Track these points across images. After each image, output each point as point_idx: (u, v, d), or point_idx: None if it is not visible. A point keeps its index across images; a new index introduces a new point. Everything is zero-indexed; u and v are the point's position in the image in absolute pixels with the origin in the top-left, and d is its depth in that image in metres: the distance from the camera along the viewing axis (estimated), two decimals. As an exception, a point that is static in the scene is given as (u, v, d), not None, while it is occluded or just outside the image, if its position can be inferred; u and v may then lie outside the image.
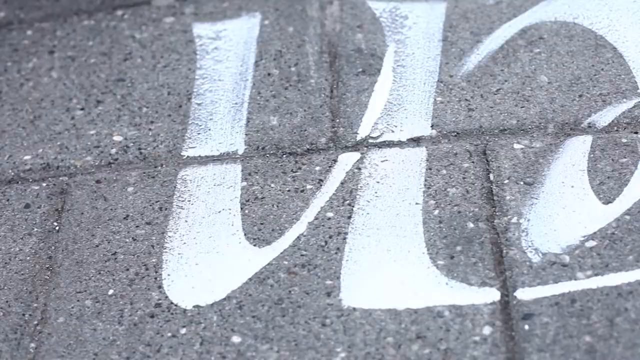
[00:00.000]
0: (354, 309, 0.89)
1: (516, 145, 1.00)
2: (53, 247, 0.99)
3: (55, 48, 1.19)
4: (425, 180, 0.98)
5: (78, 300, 0.94)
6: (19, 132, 1.11)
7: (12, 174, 1.07)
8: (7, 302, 0.95)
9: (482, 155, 1.00)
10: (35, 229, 1.00)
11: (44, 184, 1.04)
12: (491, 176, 0.98)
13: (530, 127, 1.02)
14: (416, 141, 1.02)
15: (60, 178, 1.05)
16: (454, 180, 0.98)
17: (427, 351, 0.86)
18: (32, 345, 0.92)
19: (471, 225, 0.95)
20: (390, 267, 0.92)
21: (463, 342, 0.86)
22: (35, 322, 0.93)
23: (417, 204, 0.96)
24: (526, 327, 0.87)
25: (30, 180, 1.05)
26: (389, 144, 1.02)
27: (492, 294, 0.89)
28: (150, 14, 1.21)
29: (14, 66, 1.18)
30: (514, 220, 0.94)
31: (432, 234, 0.94)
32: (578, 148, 1.00)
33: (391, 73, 1.08)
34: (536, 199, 0.96)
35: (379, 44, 1.12)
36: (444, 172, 0.99)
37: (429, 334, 0.87)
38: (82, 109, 1.12)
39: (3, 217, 1.02)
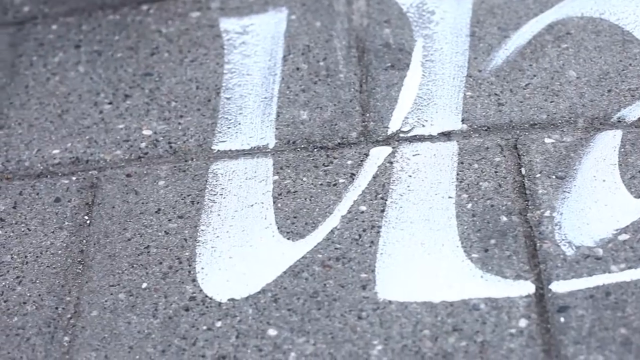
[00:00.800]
0: (390, 301, 0.89)
1: (547, 140, 1.01)
2: (84, 241, 0.99)
3: (81, 42, 1.19)
4: (458, 174, 0.98)
5: (111, 294, 0.94)
6: (47, 126, 1.11)
7: (41, 168, 1.07)
8: (39, 295, 0.95)
9: (513, 149, 1.00)
10: (66, 223, 1.00)
11: (74, 178, 1.04)
12: (523, 170, 0.98)
13: (560, 121, 1.02)
14: (447, 135, 1.02)
15: (90, 172, 1.05)
16: (486, 174, 0.98)
17: (463, 344, 0.87)
18: (66, 338, 0.92)
19: (504, 218, 0.95)
20: (425, 260, 0.92)
21: (499, 334, 0.87)
22: (69, 316, 0.93)
23: (449, 197, 0.97)
24: (562, 319, 0.87)
25: (60, 174, 1.05)
26: (420, 138, 1.02)
27: (527, 287, 0.89)
28: (176, 9, 1.21)
29: (39, 60, 1.18)
30: (547, 213, 0.94)
31: (465, 227, 0.94)
32: (608, 142, 1.00)
33: (420, 68, 1.09)
34: (568, 192, 0.96)
35: (406, 39, 1.12)
36: (476, 166, 0.99)
37: (465, 326, 0.87)
38: (110, 103, 1.12)
39: (33, 210, 1.02)
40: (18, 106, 1.13)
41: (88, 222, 1.00)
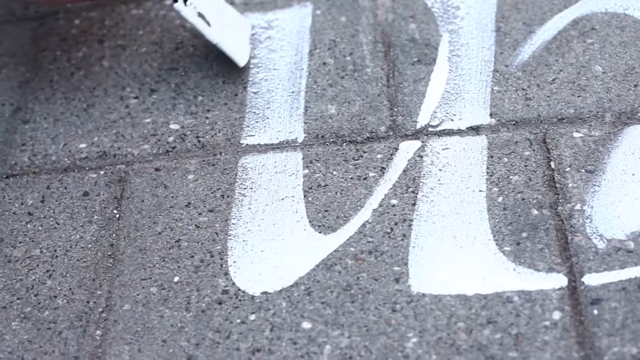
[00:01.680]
0: (424, 294, 0.90)
1: (575, 134, 1.01)
2: (114, 235, 0.99)
3: (105, 37, 1.19)
4: (488, 168, 0.99)
5: (143, 288, 0.94)
6: (73, 121, 1.10)
7: (68, 162, 1.06)
8: (70, 289, 0.95)
9: (542, 143, 1.01)
10: (95, 217, 1.00)
11: (102, 172, 1.04)
12: (552, 164, 0.99)
13: (588, 116, 1.03)
14: (476, 130, 1.03)
15: (118, 166, 1.04)
16: (516, 168, 0.98)
17: (498, 336, 0.87)
18: (98, 332, 0.92)
19: (535, 212, 0.95)
20: (458, 254, 0.92)
21: (534, 327, 0.87)
22: (100, 310, 0.93)
23: (480, 191, 0.97)
24: (595, 312, 0.88)
25: (87, 168, 1.05)
26: (449, 133, 1.03)
27: (559, 280, 0.89)
28: (200, 4, 1.25)
29: (63, 55, 1.18)
30: (578, 207, 0.95)
31: (497, 220, 0.94)
32: (637, 136, 1.00)
33: (447, 63, 1.09)
34: (598, 186, 0.97)
35: (432, 34, 1.13)
36: (506, 160, 1.00)
37: (499, 319, 0.88)
38: (136, 97, 1.12)
39: (62, 205, 1.02)
40: (43, 100, 1.14)
41: (117, 216, 1.00)
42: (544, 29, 1.11)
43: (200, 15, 1.07)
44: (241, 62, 1.09)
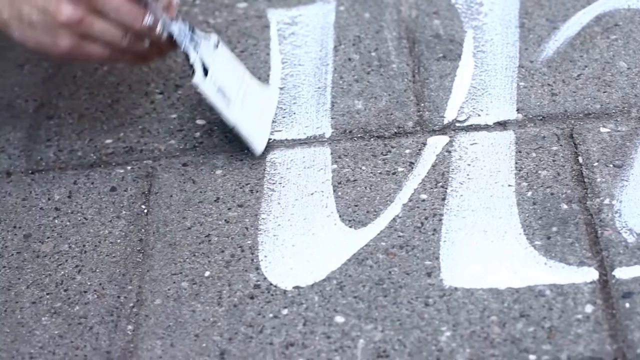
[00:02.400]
0: (456, 288, 0.90)
1: (602, 129, 1.01)
2: (143, 230, 0.98)
3: (128, 33, 1.23)
4: (516, 163, 0.99)
5: (174, 282, 0.94)
6: (98, 116, 1.10)
7: (95, 157, 1.06)
8: (100, 284, 0.95)
9: (569, 138, 1.01)
10: (124, 212, 0.99)
11: (129, 167, 1.03)
12: (580, 159, 0.99)
13: (614, 111, 1.03)
14: (503, 125, 1.03)
15: (145, 161, 1.04)
16: (544, 162, 0.99)
17: (531, 329, 0.87)
18: (130, 327, 0.92)
19: (565, 206, 0.96)
20: (489, 248, 0.92)
21: (566, 320, 0.87)
22: (131, 304, 0.93)
23: (509, 185, 0.97)
24: (627, 305, 0.88)
25: (114, 163, 1.04)
26: (476, 128, 1.03)
27: (591, 274, 0.90)
28: (222, 0, 1.22)
29: (86, 51, 1.21)
30: (607, 201, 0.95)
31: (527, 215, 0.95)
32: (663, 132, 1.04)
33: (472, 58, 1.09)
34: (626, 181, 0.97)
35: (456, 30, 1.13)
36: (534, 154, 1.00)
37: (532, 312, 0.88)
38: (161, 93, 1.11)
39: (89, 200, 1.01)
40: (67, 96, 1.13)
41: (145, 211, 1.00)
42: (568, 26, 1.12)
43: (220, 90, 0.97)
44: (258, 148, 0.99)
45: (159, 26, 0.95)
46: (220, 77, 0.97)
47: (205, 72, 0.96)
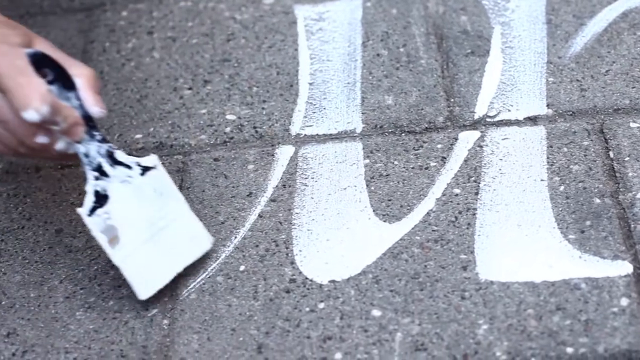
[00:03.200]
0: (492, 282, 0.90)
1: (632, 124, 1.02)
2: (176, 225, 1.02)
3: (154, 29, 1.19)
4: (548, 158, 0.99)
5: (209, 277, 0.94)
6: (127, 111, 1.10)
7: (125, 152, 1.08)
8: (134, 279, 0.98)
9: (599, 133, 1.02)
10: (156, 207, 1.04)
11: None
12: (611, 154, 0.99)
13: (643, 106, 1.08)
14: (533, 120, 1.04)
15: (175, 156, 1.04)
16: (576, 157, 0.99)
17: (568, 322, 0.88)
18: (165, 321, 0.91)
19: (597, 200, 0.96)
20: (523, 242, 0.93)
21: (602, 313, 0.88)
22: (166, 299, 0.92)
23: (542, 180, 0.98)
24: (662, 298, 0.91)
25: (144, 158, 1.09)
26: (507, 123, 1.03)
27: (625, 267, 0.90)
28: (248, -4, 1.25)
29: (112, 47, 1.17)
30: (639, 196, 0.96)
31: (560, 209, 0.95)
32: (692, 127, 1.04)
33: (500, 54, 1.10)
34: (657, 175, 1.01)
35: (484, 26, 1.14)
36: (565, 149, 1.01)
37: (568, 305, 0.88)
38: (189, 88, 1.12)
39: (121, 195, 1.05)
40: (95, 92, 1.17)
41: (178, 206, 1.04)
42: (594, 22, 1.13)
43: (111, 228, 0.85)
44: (139, 293, 0.88)
45: (57, 145, 0.86)
46: (119, 214, 0.86)
47: (102, 201, 0.85)
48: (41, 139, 0.85)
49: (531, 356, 0.85)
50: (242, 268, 0.95)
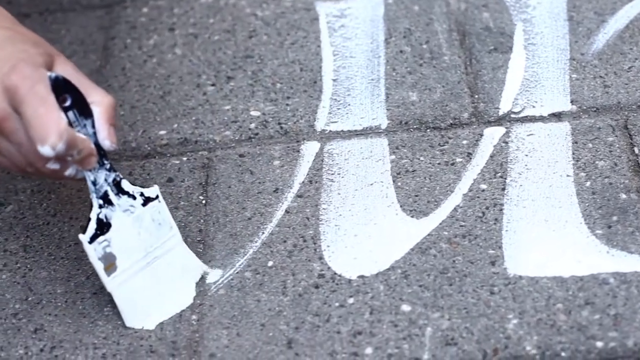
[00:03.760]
0: (520, 277, 0.90)
1: (656, 120, 1.06)
2: (202, 220, 0.98)
3: (175, 25, 1.19)
4: (573, 154, 1.00)
5: (237, 272, 0.94)
6: (150, 108, 1.10)
7: (149, 148, 1.06)
8: (162, 274, 0.98)
9: (624, 129, 1.02)
10: (182, 203, 0.99)
11: (184, 159, 1.03)
12: (636, 149, 1.00)
13: (666, 103, 1.08)
14: (557, 116, 1.04)
15: (200, 152, 1.04)
16: (601, 153, 1.00)
17: (597, 317, 0.88)
18: (194, 317, 0.92)
19: (624, 196, 0.96)
20: (550, 237, 0.93)
21: (631, 307, 0.88)
22: (194, 295, 0.92)
23: (568, 176, 0.98)
24: (690, 293, 0.91)
25: (169, 154, 1.04)
26: (532, 119, 1.04)
27: (653, 262, 0.94)
28: (270, -8, 1.26)
29: (134, 43, 1.18)
30: (664, 191, 1.00)
31: (587, 204, 0.96)
32: None
33: (523, 51, 1.10)
34: (682, 171, 1.01)
35: (506, 22, 1.14)
36: (590, 145, 1.01)
37: (597, 300, 0.89)
38: (213, 85, 1.12)
39: (146, 191, 1.05)
40: (117, 88, 1.13)
41: (204, 201, 1.00)
42: (616, 18, 1.13)
43: (108, 256, 0.86)
44: (128, 321, 0.89)
45: (67, 171, 0.86)
46: (118, 242, 0.87)
47: (104, 229, 0.86)
48: (52, 166, 0.84)
49: (561, 350, 0.87)
50: (270, 264, 0.95)
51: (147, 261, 0.89)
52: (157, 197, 0.90)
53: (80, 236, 0.86)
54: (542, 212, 0.96)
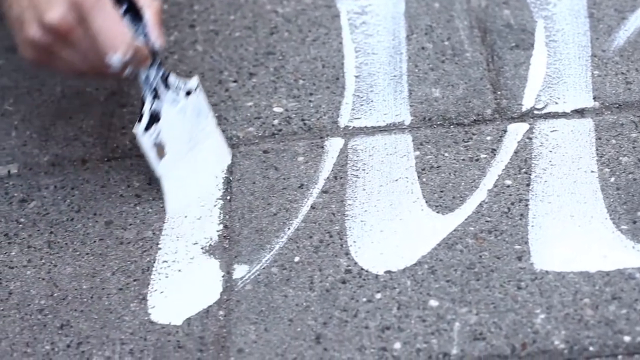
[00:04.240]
0: (547, 272, 0.91)
1: (678, 117, 1.06)
2: (227, 216, 0.99)
3: (196, 22, 1.19)
4: (597, 150, 1.01)
5: (264, 268, 0.94)
6: (173, 104, 1.14)
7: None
8: (188, 270, 0.98)
9: (646, 125, 1.07)
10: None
11: (208, 155, 1.08)
12: (659, 146, 1.04)
13: (688, 99, 1.09)
14: (580, 112, 1.05)
15: (224, 149, 1.09)
16: (625, 149, 1.01)
17: (624, 311, 0.88)
18: (221, 312, 0.92)
19: (648, 192, 1.00)
20: (576, 232, 0.94)
21: (658, 302, 0.91)
22: (221, 290, 0.93)
23: (592, 172, 0.99)
24: None
25: (193, 151, 1.09)
26: (555, 115, 1.04)
27: (678, 258, 0.95)
28: (290, -11, 1.26)
29: (154, 40, 1.21)
30: (688, 187, 1.00)
31: (611, 200, 0.96)
32: None
33: (544, 48, 1.11)
34: None
35: (527, 19, 1.15)
36: (614, 141, 1.02)
37: (623, 295, 0.89)
38: (235, 81, 1.12)
39: (170, 187, 1.05)
40: (138, 84, 1.15)
41: (228, 197, 1.01)
42: (636, 15, 1.14)
43: (158, 144, 0.95)
44: (169, 207, 0.96)
45: (125, 72, 0.91)
46: (167, 132, 0.96)
47: (155, 120, 0.94)
48: (114, 70, 0.91)
49: (589, 345, 0.87)
50: (296, 259, 0.95)
51: (189, 147, 0.98)
52: (197, 87, 0.99)
53: (135, 129, 0.94)
54: (567, 208, 0.96)
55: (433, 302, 0.91)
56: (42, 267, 0.97)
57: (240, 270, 0.94)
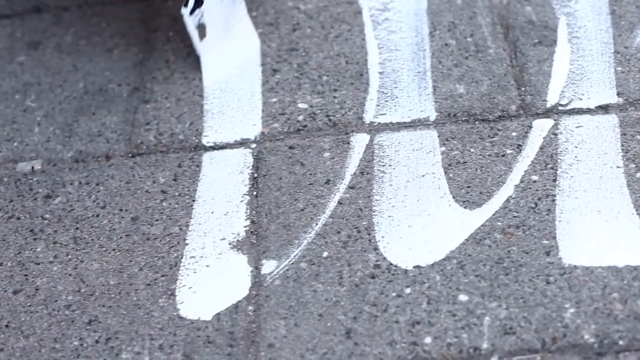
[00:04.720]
0: (575, 266, 0.91)
1: (702, 113, 1.07)
2: (255, 212, 0.99)
3: (217, 18, 1.23)
4: (622, 145, 1.01)
5: (292, 263, 0.95)
6: (196, 100, 1.10)
7: (197, 140, 1.06)
8: (216, 265, 0.98)
9: (670, 121, 1.07)
10: (233, 194, 1.01)
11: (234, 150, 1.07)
12: (683, 141, 1.05)
13: None
14: (605, 108, 1.05)
15: (249, 144, 1.05)
16: (649, 145, 1.05)
17: (653, 306, 0.91)
18: (250, 308, 0.92)
19: (674, 187, 1.00)
20: (603, 227, 0.94)
21: (686, 297, 0.92)
22: (250, 285, 0.93)
23: (618, 167, 0.99)
24: None
25: (217, 147, 1.06)
26: (579, 111, 1.05)
27: None
28: (311, -14, 1.25)
29: (176, 36, 1.17)
30: None
31: (637, 195, 0.97)
32: None
33: (567, 44, 1.11)
34: None
35: (549, 16, 1.15)
36: (639, 137, 1.02)
37: (652, 289, 0.93)
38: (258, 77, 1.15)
39: (196, 182, 0.99)
40: (162, 80, 1.13)
41: (255, 193, 1.01)
42: (657, 12, 1.19)
43: (201, 26, 1.08)
44: (208, 80, 1.08)
45: None
46: (208, 15, 1.08)
47: (199, 4, 1.06)
48: None
49: (619, 339, 0.87)
50: (325, 254, 0.95)
51: (225, 29, 1.07)
52: None
53: (183, 10, 1.03)
54: (594, 203, 0.97)
55: (463, 297, 0.91)
56: (68, 263, 0.97)
57: (268, 266, 0.94)
